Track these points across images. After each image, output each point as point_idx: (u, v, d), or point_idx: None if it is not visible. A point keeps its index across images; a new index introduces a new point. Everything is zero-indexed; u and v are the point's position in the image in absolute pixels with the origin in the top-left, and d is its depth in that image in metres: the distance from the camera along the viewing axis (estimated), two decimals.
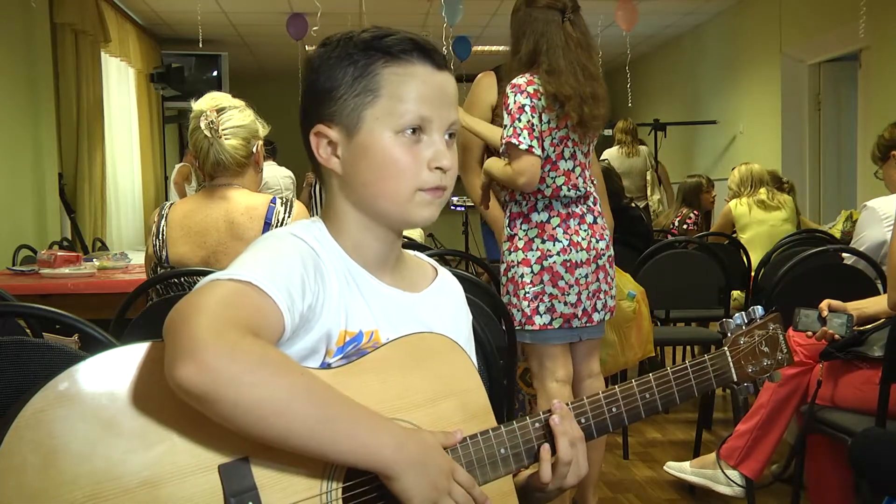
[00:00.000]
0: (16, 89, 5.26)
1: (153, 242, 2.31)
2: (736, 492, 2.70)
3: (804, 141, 6.59)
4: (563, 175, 2.57)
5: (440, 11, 6.15)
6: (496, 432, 1.10)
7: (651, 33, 8.59)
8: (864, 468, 1.89)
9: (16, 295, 2.20)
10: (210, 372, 0.88)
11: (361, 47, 1.10)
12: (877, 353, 2.24)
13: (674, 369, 1.22)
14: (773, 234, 4.57)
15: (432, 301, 1.22)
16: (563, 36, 2.56)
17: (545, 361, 2.63)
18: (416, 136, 1.10)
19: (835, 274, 3.01)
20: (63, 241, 5.42)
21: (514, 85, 2.55)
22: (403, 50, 1.10)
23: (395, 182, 1.10)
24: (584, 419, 1.16)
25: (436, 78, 1.12)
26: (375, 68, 1.09)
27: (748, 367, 1.27)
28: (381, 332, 1.12)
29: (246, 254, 1.05)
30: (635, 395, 1.19)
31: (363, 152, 1.10)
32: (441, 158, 1.11)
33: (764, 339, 1.28)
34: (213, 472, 0.93)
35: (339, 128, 1.11)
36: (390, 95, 1.09)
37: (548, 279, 2.56)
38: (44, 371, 1.26)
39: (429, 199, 1.12)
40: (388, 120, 1.09)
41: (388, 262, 1.18)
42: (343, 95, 1.10)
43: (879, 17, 5.28)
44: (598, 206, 2.70)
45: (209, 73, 8.06)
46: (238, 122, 2.31)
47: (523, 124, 2.50)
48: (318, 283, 1.07)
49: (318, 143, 1.13)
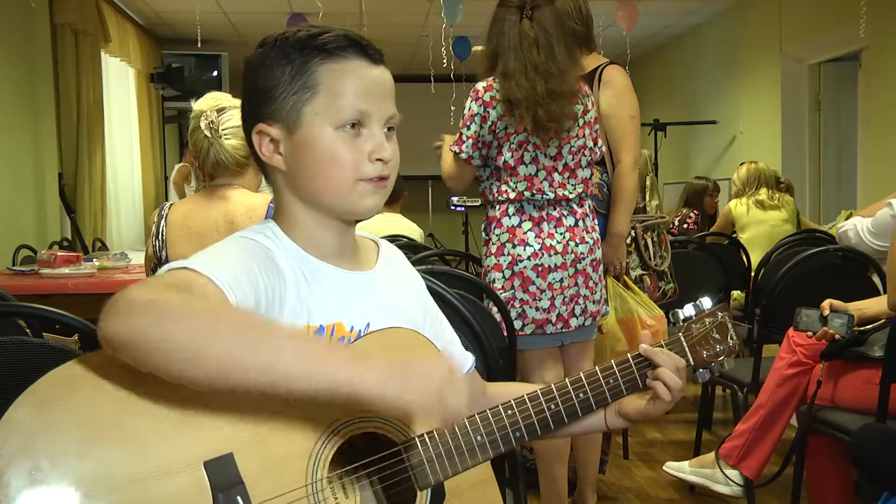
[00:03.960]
0: (16, 89, 5.26)
1: (153, 243, 2.31)
2: (735, 491, 2.69)
3: (804, 141, 6.59)
4: (525, 180, 2.52)
5: (440, 11, 6.14)
6: (471, 420, 1.13)
7: (651, 33, 8.59)
8: (864, 464, 1.89)
9: (16, 295, 2.20)
10: (129, 318, 0.89)
11: (298, 46, 1.13)
12: (877, 353, 2.24)
13: (633, 355, 1.25)
14: (773, 234, 4.58)
15: (386, 274, 1.25)
16: (517, 35, 2.49)
17: (531, 366, 2.61)
18: (356, 130, 1.12)
19: (835, 274, 3.01)
20: (63, 241, 5.43)
21: (474, 90, 2.55)
22: (339, 46, 1.12)
23: (336, 175, 1.12)
24: (553, 405, 1.19)
25: (372, 72, 1.14)
26: (312, 65, 1.12)
27: (703, 352, 1.31)
28: (346, 321, 1.14)
29: (196, 253, 1.08)
30: (599, 381, 1.22)
31: (304, 148, 1.12)
32: (381, 150, 1.13)
33: (714, 326, 1.32)
34: (198, 468, 0.94)
35: (279, 125, 1.13)
36: (328, 91, 1.11)
37: (518, 284, 2.52)
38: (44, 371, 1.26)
39: (371, 189, 1.14)
40: (328, 115, 1.11)
41: (344, 250, 1.20)
42: (282, 94, 1.12)
43: (879, 17, 5.28)
44: (585, 209, 2.63)
45: (209, 73, 8.05)
46: (238, 122, 2.30)
47: (470, 133, 2.53)
48: (270, 272, 1.09)
49: (261, 142, 1.15)
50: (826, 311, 2.36)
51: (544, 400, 1.18)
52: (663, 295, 3.13)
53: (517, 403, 1.16)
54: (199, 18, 6.97)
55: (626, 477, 3.43)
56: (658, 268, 3.08)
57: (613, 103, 2.86)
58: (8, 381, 1.25)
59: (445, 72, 7.35)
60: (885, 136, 5.41)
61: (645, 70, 9.49)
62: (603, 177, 2.89)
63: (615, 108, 2.86)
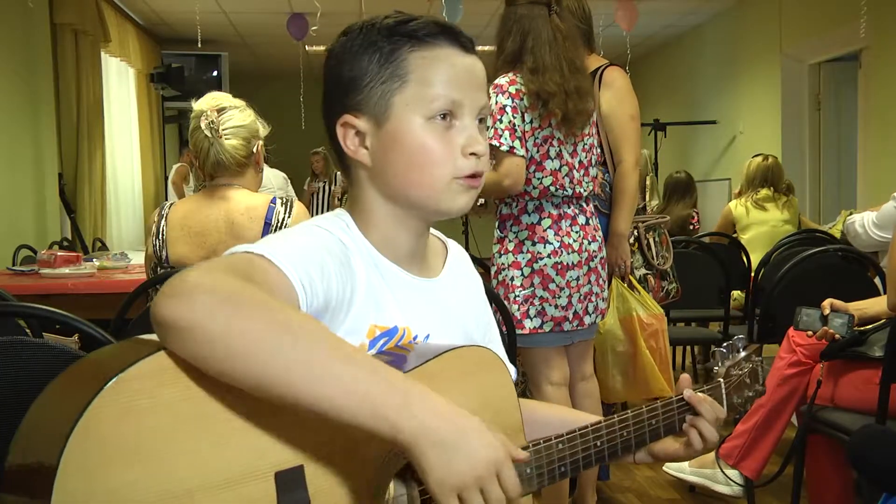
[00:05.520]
0: (16, 89, 5.26)
1: (153, 242, 2.31)
2: (735, 491, 2.69)
3: (804, 141, 6.59)
4: (550, 175, 2.52)
5: (440, 11, 6.14)
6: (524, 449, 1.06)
7: (651, 33, 8.59)
8: (863, 464, 1.89)
9: (16, 295, 2.20)
10: (188, 303, 0.82)
11: (385, 33, 1.07)
12: (877, 353, 2.24)
13: (677, 398, 1.22)
14: (774, 234, 4.57)
15: (450, 280, 1.20)
16: (551, 30, 2.51)
17: (539, 365, 2.61)
18: (448, 122, 1.06)
19: (835, 274, 3.01)
20: (63, 241, 5.43)
21: (496, 85, 2.52)
22: (429, 33, 1.07)
23: (430, 171, 1.06)
24: (599, 442, 1.13)
25: (464, 60, 1.08)
26: (402, 53, 1.06)
27: (734, 398, 1.28)
28: (412, 328, 1.10)
29: (267, 238, 1.02)
30: (643, 422, 1.18)
31: (393, 141, 1.06)
32: (475, 144, 1.07)
33: (748, 372, 1.30)
34: (269, 479, 0.88)
35: (366, 117, 1.07)
36: (419, 80, 1.05)
37: (538, 282, 2.52)
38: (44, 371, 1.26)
39: (465, 187, 1.08)
40: (418, 105, 1.05)
41: (418, 254, 1.15)
42: (370, 83, 1.06)
43: (879, 17, 5.28)
44: (591, 207, 2.65)
45: (209, 73, 8.05)
46: (238, 122, 2.30)
47: (504, 125, 2.48)
48: (344, 271, 1.03)
49: (346, 134, 1.09)
50: (826, 310, 2.36)
51: (593, 437, 1.13)
52: (667, 295, 3.13)
53: (569, 439, 1.10)
54: (199, 18, 6.97)
55: (626, 477, 3.43)
56: (661, 267, 3.09)
57: (614, 104, 2.87)
58: (8, 381, 1.25)
59: None
60: (885, 136, 5.41)
61: (645, 70, 9.49)
62: (605, 177, 2.90)
63: (616, 109, 2.87)
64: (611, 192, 2.90)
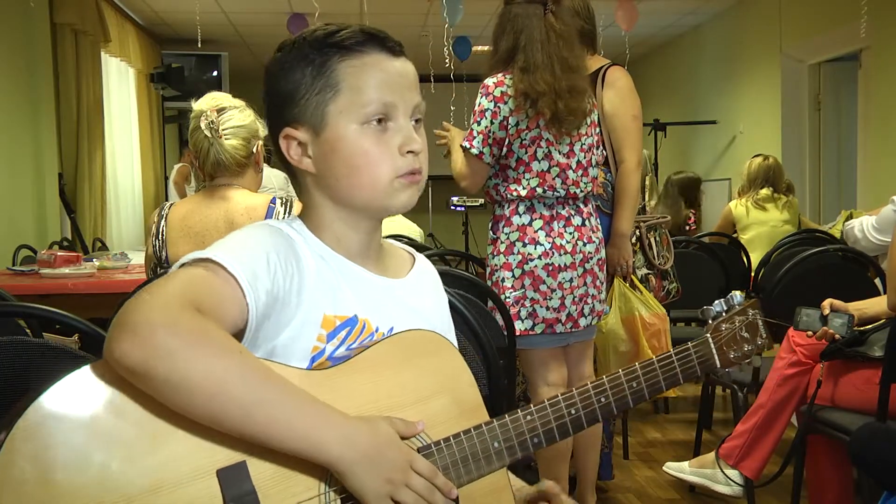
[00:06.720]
0: (16, 89, 5.26)
1: (153, 243, 2.31)
2: (735, 491, 2.69)
3: (804, 141, 6.58)
4: (537, 176, 2.51)
5: (440, 11, 6.14)
6: (489, 426, 1.10)
7: (651, 33, 8.59)
8: (863, 463, 1.89)
9: (16, 295, 2.20)
10: (145, 347, 0.89)
11: (316, 46, 1.12)
12: (877, 353, 2.24)
13: (658, 357, 1.23)
14: (774, 234, 4.57)
15: (415, 286, 1.23)
16: (545, 29, 2.49)
17: (534, 366, 2.61)
18: (383, 126, 1.11)
19: (835, 274, 3.01)
20: (63, 241, 5.42)
21: (483, 86, 2.53)
22: (357, 42, 1.11)
23: (370, 173, 1.11)
24: (573, 410, 1.15)
25: (394, 64, 1.13)
26: (332, 64, 1.10)
27: (730, 353, 1.28)
28: (372, 320, 1.13)
29: (219, 241, 1.08)
30: (622, 385, 1.20)
31: (332, 149, 1.11)
32: (411, 143, 1.12)
33: (744, 325, 1.29)
34: (211, 477, 0.93)
35: (305, 128, 1.12)
36: (350, 88, 1.10)
37: (529, 283, 2.51)
38: (44, 371, 1.26)
39: (405, 184, 1.13)
40: (352, 112, 1.10)
41: (371, 251, 1.19)
42: (305, 95, 1.11)
43: (879, 17, 5.28)
44: (590, 208, 2.64)
45: (209, 73, 8.05)
46: (238, 122, 2.31)
47: (480, 129, 2.51)
48: (290, 264, 1.08)
49: (289, 146, 1.14)
50: (826, 310, 2.35)
51: (565, 405, 1.14)
52: (667, 294, 3.13)
53: (537, 409, 1.13)
54: (199, 18, 6.97)
55: (626, 477, 3.43)
56: (662, 267, 3.09)
57: (616, 104, 2.87)
58: (8, 381, 1.26)
59: (446, 72, 7.34)
60: (885, 136, 5.41)
61: (645, 70, 9.48)
62: (607, 176, 2.90)
63: (618, 109, 2.87)
64: (612, 192, 2.90)
